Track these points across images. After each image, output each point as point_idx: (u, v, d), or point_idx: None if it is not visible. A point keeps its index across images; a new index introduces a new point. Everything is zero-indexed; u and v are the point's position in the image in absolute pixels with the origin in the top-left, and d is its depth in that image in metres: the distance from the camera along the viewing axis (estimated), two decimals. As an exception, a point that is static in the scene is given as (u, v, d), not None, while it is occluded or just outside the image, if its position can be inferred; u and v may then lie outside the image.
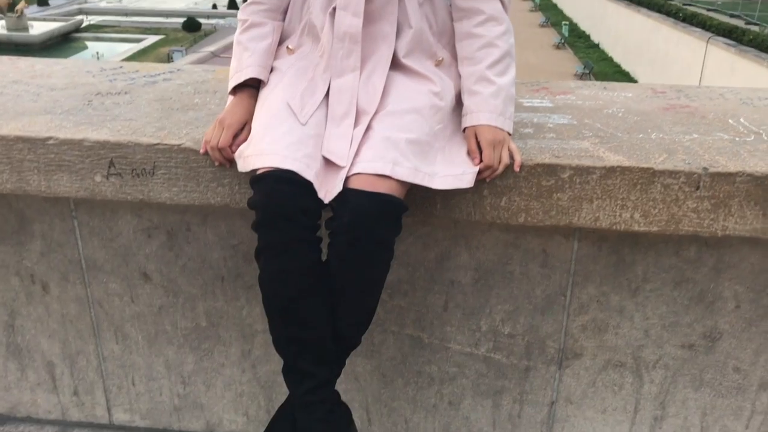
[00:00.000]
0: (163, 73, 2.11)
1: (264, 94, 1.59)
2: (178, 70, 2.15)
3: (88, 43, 39.39)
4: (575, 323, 1.77)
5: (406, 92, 1.54)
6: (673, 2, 28.11)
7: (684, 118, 1.77)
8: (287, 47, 1.66)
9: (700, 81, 20.89)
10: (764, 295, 1.69)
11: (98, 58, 34.78)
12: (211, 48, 35.44)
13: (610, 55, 32.17)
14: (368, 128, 1.48)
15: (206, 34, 39.99)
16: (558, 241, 1.69)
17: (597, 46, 34.80)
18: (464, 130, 1.57)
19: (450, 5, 1.65)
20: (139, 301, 1.88)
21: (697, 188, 1.50)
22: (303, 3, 1.65)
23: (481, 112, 1.55)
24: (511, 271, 1.74)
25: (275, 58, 1.65)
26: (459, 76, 1.65)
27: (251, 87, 1.62)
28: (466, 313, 1.79)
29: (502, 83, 1.56)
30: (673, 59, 23.55)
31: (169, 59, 33.23)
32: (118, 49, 36.35)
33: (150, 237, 1.81)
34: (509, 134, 1.56)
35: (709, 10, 27.83)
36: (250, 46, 1.61)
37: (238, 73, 1.60)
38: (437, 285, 1.77)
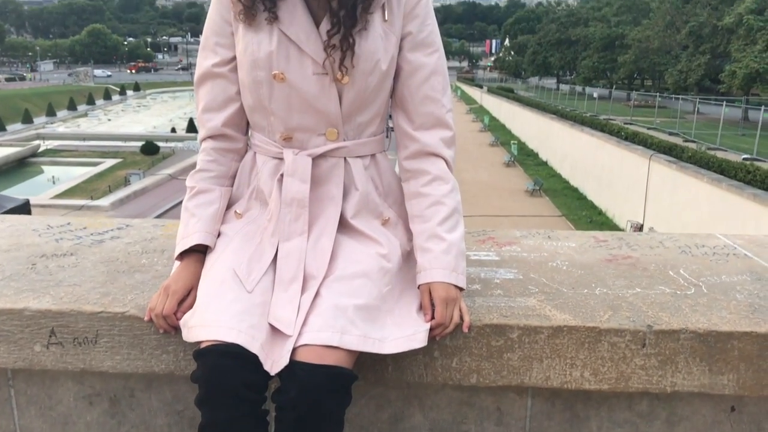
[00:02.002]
0: (112, 230, 2.09)
1: (211, 260, 1.59)
2: (127, 225, 2.15)
3: (44, 168, 39.38)
4: (534, 482, 1.72)
5: (354, 255, 1.55)
6: (614, 122, 29.67)
7: (626, 270, 1.82)
8: (235, 212, 1.67)
9: (645, 196, 21.73)
10: (719, 447, 1.68)
11: (54, 182, 34.69)
12: (169, 170, 35.72)
13: (558, 171, 33.43)
14: (316, 294, 1.48)
15: (164, 157, 40.43)
16: (512, 398, 1.67)
17: (545, 163, 36.19)
18: (419, 287, 1.59)
19: (395, 166, 1.71)
20: (77, 474, 1.77)
21: (643, 346, 1.52)
22: (251, 169, 1.69)
23: (434, 269, 1.56)
24: (466, 431, 1.70)
25: (223, 222, 1.66)
26: (406, 233, 1.69)
27: (198, 252, 1.61)
28: (422, 476, 1.73)
29: (453, 239, 1.59)
30: (618, 176, 24.55)
31: (126, 182, 33.34)
32: (75, 173, 36.37)
33: (91, 404, 1.73)
34: (462, 289, 1.57)
35: (649, 128, 29.42)
36: (197, 212, 1.63)
37: (184, 239, 1.60)
38: (391, 447, 1.71)
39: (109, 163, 38.88)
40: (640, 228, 21.67)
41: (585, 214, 25.67)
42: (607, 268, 1.84)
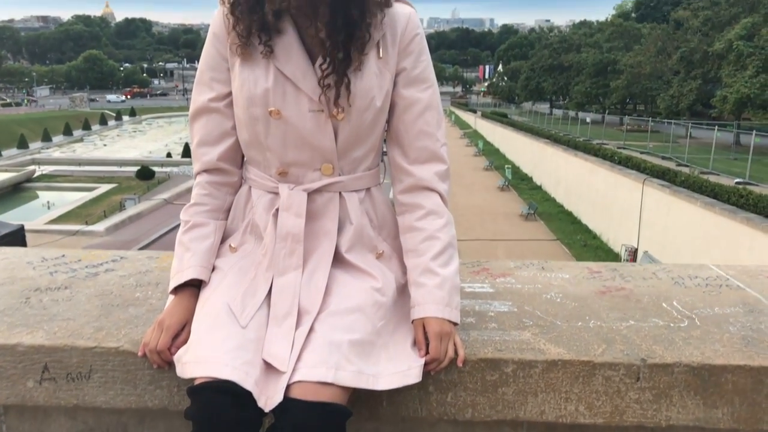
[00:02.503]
0: (106, 262, 2.10)
1: (205, 294, 1.59)
2: (122, 258, 2.15)
3: (39, 193, 39.34)
4: None
5: (349, 290, 1.56)
6: (607, 146, 29.86)
7: (620, 302, 1.82)
8: (230, 245, 1.68)
9: (639, 220, 21.79)
10: (715, 481, 1.67)
11: (48, 207, 34.64)
12: (165, 195, 35.73)
13: (552, 195, 33.53)
14: (311, 329, 1.48)
15: (160, 182, 40.45)
16: (506, 432, 1.66)
17: (539, 187, 36.31)
18: (412, 322, 1.58)
19: (389, 199, 1.72)
20: None
21: (638, 379, 1.52)
22: (246, 203, 1.69)
23: (427, 304, 1.56)
24: (461, 465, 1.69)
25: (217, 256, 1.66)
26: (401, 266, 1.69)
27: (192, 286, 1.61)
28: None
29: (447, 274, 1.59)
30: (612, 200, 24.63)
31: (121, 207, 33.32)
32: (70, 198, 36.34)
33: (84, 440, 1.72)
34: (456, 324, 1.57)
35: (642, 153, 29.62)
36: (192, 246, 1.63)
37: (179, 274, 1.60)
38: (386, 482, 1.70)
39: (105, 188, 38.89)
40: (635, 252, 21.70)
41: (580, 238, 25.70)
42: (601, 300, 1.84)
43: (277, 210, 1.60)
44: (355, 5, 1.50)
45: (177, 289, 1.60)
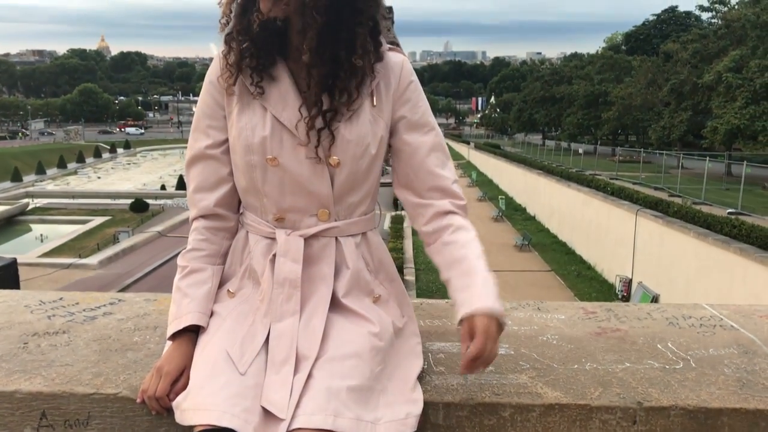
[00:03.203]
0: (104, 305, 2.10)
1: (204, 340, 1.60)
2: (119, 300, 2.15)
3: (33, 226, 39.24)
4: None
5: (346, 335, 1.57)
6: (600, 177, 30.05)
7: (615, 344, 1.84)
8: (228, 290, 1.69)
9: (633, 251, 21.85)
10: None
11: (42, 240, 34.52)
12: (158, 228, 35.65)
13: (546, 226, 33.63)
14: (309, 376, 1.48)
15: (154, 215, 40.41)
16: (505, 476, 1.66)
17: (533, 218, 36.43)
18: (460, 322, 1.53)
19: (384, 244, 1.75)
20: None
21: (634, 422, 1.53)
22: (243, 248, 1.71)
23: (477, 297, 1.53)
24: None
25: (215, 301, 1.68)
26: (397, 309, 1.71)
27: (190, 332, 1.62)
28: None
29: (491, 277, 1.58)
30: (606, 231, 24.72)
31: (115, 240, 33.23)
32: (63, 231, 36.25)
33: (80, 486, 1.71)
34: (502, 327, 1.53)
35: (634, 183, 29.80)
36: (190, 292, 1.64)
37: (177, 320, 1.61)
38: None
39: (98, 220, 38.82)
40: (629, 283, 21.71)
41: (574, 269, 25.73)
42: (597, 341, 1.86)
43: (275, 255, 1.62)
44: (343, 44, 1.53)
45: (175, 335, 1.61)
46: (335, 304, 1.62)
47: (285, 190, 1.61)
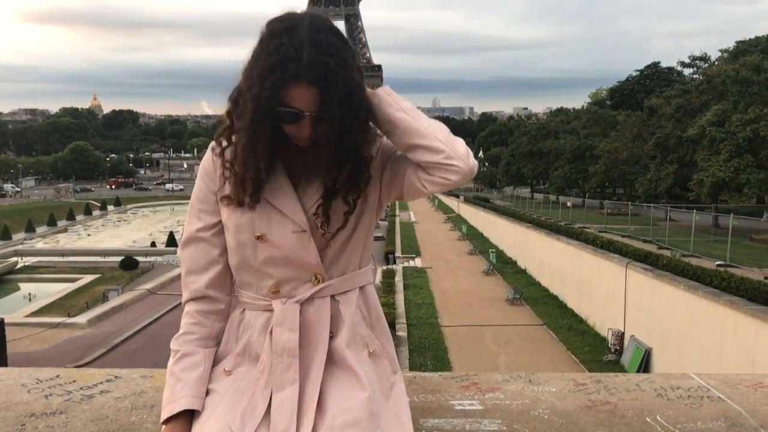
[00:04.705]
0: (101, 382, 2.12)
1: (202, 418, 1.62)
2: (116, 377, 2.17)
3: (21, 285, 38.92)
4: None
5: (344, 402, 1.60)
6: (589, 230, 30.26)
7: (605, 418, 1.87)
8: (224, 369, 1.72)
9: (624, 304, 21.84)
10: None
11: (30, 299, 34.18)
12: (148, 285, 35.41)
13: (537, 279, 33.63)
14: None
15: (143, 272, 40.18)
16: None
17: (524, 271, 36.46)
18: None
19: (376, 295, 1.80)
20: None
21: (626, 500, 1.55)
22: (239, 325, 1.75)
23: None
24: None
25: (211, 380, 1.71)
26: (389, 365, 1.76)
27: (185, 414, 1.64)
28: None
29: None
30: (596, 284, 24.75)
31: (104, 298, 32.94)
32: (52, 289, 35.96)
33: None
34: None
35: (623, 236, 30.00)
36: (183, 376, 1.67)
37: (170, 405, 1.64)
38: None
39: (88, 278, 38.57)
40: (621, 336, 21.64)
41: (566, 322, 25.63)
42: (587, 415, 1.89)
43: (272, 327, 1.67)
44: (358, 138, 1.61)
45: (169, 419, 1.64)
46: (334, 359, 1.66)
47: (276, 264, 1.67)
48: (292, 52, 1.50)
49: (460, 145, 1.63)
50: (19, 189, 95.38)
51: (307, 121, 1.54)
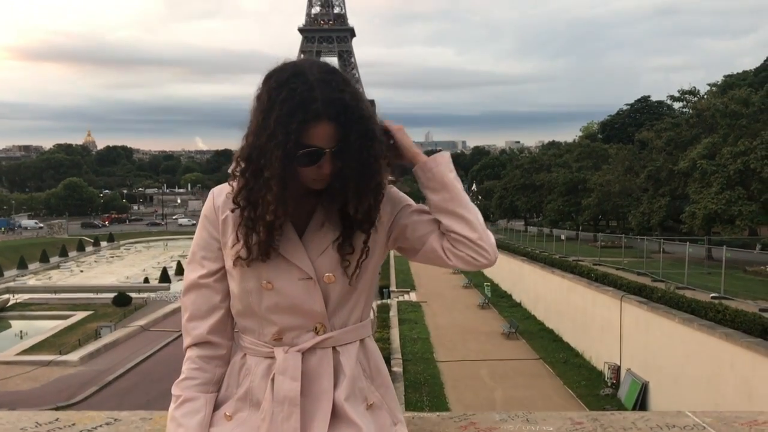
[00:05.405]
0: (100, 425, 2.13)
1: (204, 464, 1.64)
2: (115, 420, 2.18)
3: (13, 322, 38.61)
4: None
5: None
6: (583, 263, 30.30)
7: (602, 458, 1.89)
8: (225, 414, 1.74)
9: (620, 337, 21.81)
10: None
11: (21, 337, 33.87)
12: (141, 322, 35.17)
13: (532, 313, 33.55)
14: None
15: (136, 308, 39.91)
16: None
17: (519, 305, 36.39)
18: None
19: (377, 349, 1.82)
20: None
21: None
22: (240, 370, 1.77)
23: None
24: None
25: (212, 425, 1.72)
26: (388, 417, 1.76)
27: None
28: None
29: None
30: (592, 317, 24.72)
31: (96, 335, 32.67)
32: (44, 327, 35.67)
33: None
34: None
35: (617, 269, 30.03)
36: (184, 422, 1.69)
37: None
38: None
39: (80, 315, 38.29)
40: (618, 369, 21.55)
41: (562, 356, 25.53)
42: (585, 455, 1.91)
43: (274, 374, 1.69)
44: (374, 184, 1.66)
45: None
46: (334, 411, 1.67)
47: (281, 310, 1.69)
48: (307, 94, 1.54)
49: (491, 235, 1.72)
50: (42, 225, 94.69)
51: (327, 159, 1.58)
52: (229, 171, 1.69)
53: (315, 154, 1.56)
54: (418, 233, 1.75)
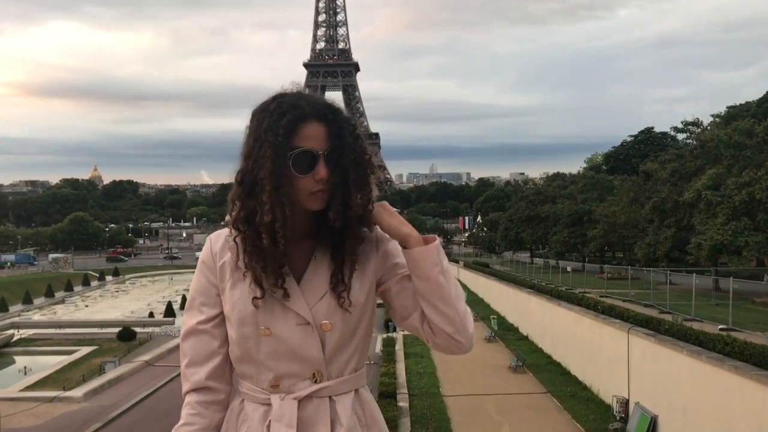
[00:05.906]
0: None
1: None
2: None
3: (17, 358, 38.42)
4: None
5: None
6: (589, 295, 30.14)
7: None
8: (224, 457, 1.75)
9: (628, 370, 21.57)
10: None
11: (25, 373, 33.67)
12: (146, 357, 34.95)
13: (539, 346, 33.26)
14: None
15: (141, 343, 39.72)
16: None
17: (526, 337, 36.09)
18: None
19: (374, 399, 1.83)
20: None
21: None
22: (238, 415, 1.77)
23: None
24: None
25: None
26: None
27: None
28: None
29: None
30: (599, 349, 24.48)
31: (101, 371, 32.47)
32: (48, 362, 35.50)
33: None
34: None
35: (624, 300, 29.88)
36: None
37: None
38: None
39: (84, 350, 38.10)
40: (626, 403, 21.29)
41: (569, 390, 25.22)
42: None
43: (270, 421, 1.69)
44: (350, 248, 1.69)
45: None
46: None
47: (278, 357, 1.69)
48: (294, 101, 1.61)
49: (469, 322, 1.75)
50: (35, 258, 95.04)
51: (321, 162, 1.60)
52: (225, 220, 1.72)
53: (308, 155, 1.59)
54: (404, 302, 1.78)
